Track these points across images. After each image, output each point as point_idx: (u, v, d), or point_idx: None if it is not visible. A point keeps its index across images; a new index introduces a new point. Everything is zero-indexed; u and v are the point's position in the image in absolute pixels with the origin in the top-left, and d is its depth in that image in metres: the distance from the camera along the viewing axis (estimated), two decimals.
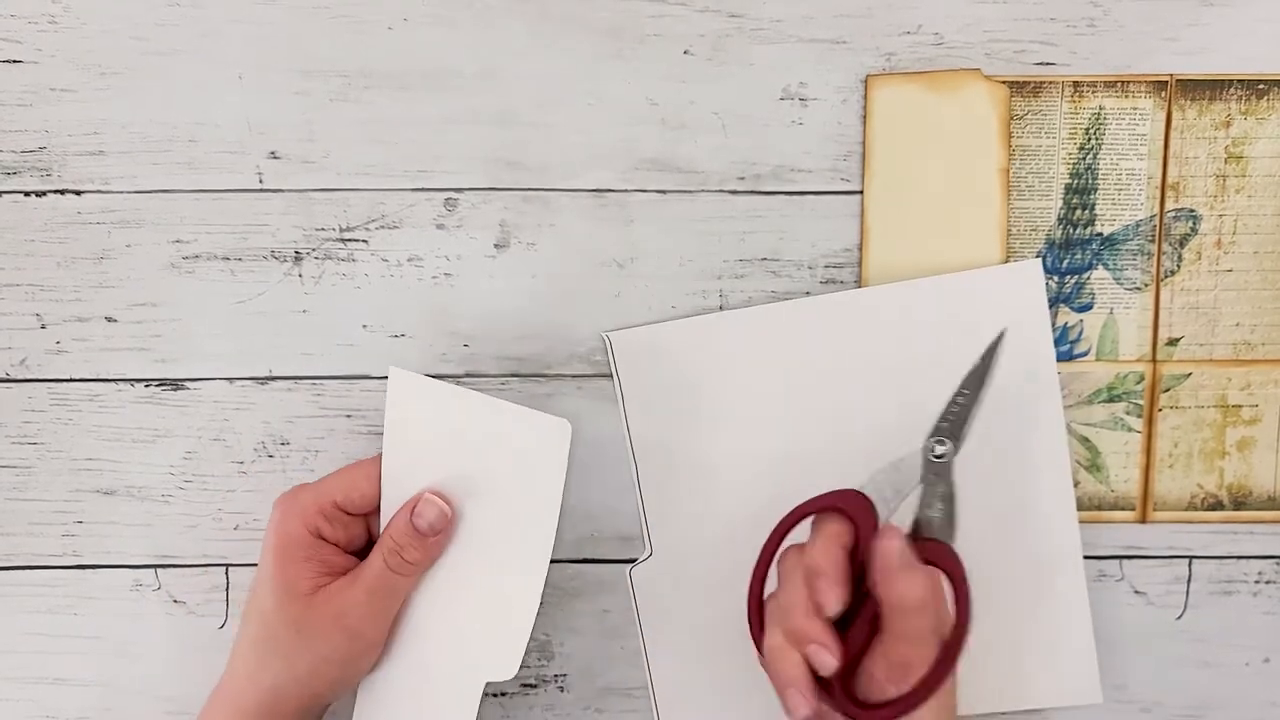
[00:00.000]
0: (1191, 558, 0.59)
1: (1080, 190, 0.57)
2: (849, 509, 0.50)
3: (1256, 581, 0.59)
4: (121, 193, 0.57)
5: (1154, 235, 0.57)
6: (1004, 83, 0.56)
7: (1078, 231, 0.57)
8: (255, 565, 0.53)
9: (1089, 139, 0.56)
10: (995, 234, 0.57)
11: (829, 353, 0.56)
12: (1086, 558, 0.58)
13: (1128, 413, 0.58)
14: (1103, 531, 0.59)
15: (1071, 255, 0.57)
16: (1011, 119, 0.56)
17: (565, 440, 0.52)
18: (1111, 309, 0.58)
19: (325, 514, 0.52)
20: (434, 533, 0.52)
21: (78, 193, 0.57)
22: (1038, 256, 0.57)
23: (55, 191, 0.57)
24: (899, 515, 0.51)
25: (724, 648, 0.58)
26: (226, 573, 0.59)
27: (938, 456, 0.51)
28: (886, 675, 0.48)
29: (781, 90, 0.56)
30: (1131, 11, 0.56)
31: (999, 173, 0.56)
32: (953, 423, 0.51)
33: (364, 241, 0.57)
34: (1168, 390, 0.58)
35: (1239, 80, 0.56)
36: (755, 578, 0.52)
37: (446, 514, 0.52)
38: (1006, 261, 0.57)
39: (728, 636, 0.58)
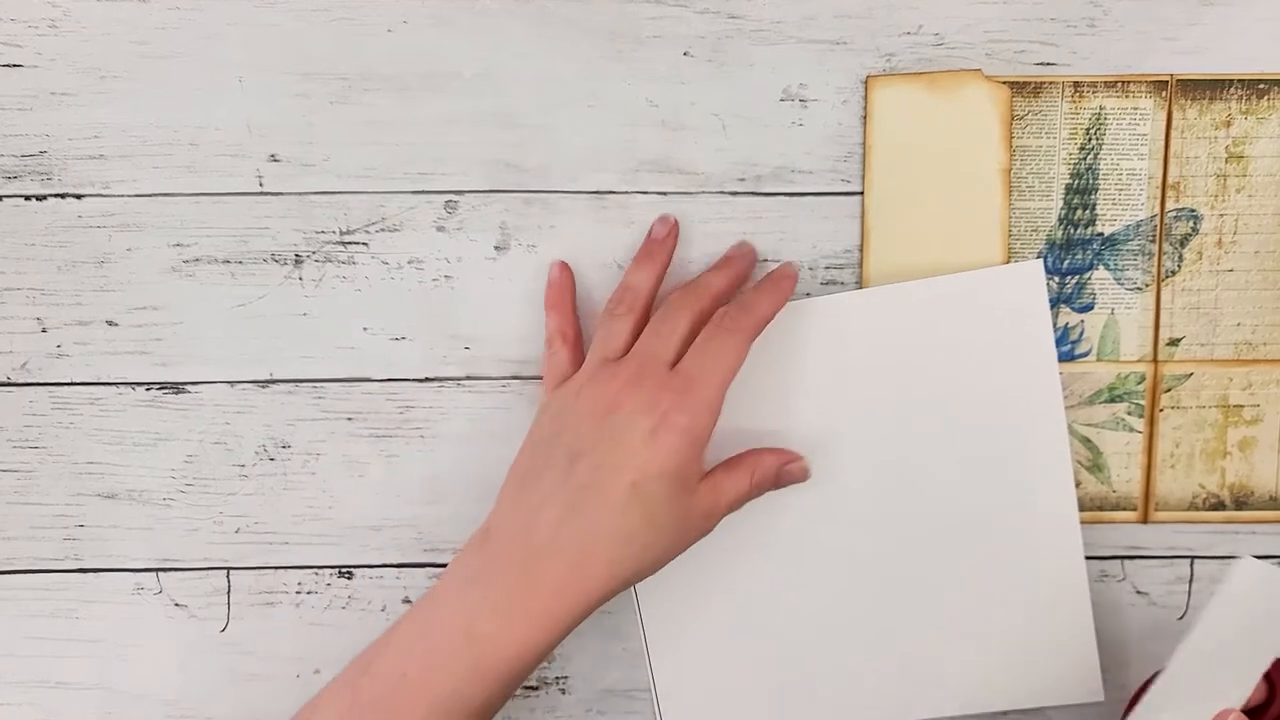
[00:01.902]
0: (1193, 558, 0.59)
1: (1081, 190, 0.57)
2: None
3: None
4: (122, 196, 0.57)
5: (1155, 235, 0.57)
6: (1004, 83, 0.56)
7: (1078, 232, 0.57)
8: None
9: (1089, 139, 0.56)
10: (996, 234, 0.57)
11: (829, 353, 0.56)
12: (1088, 558, 0.58)
13: (1129, 413, 0.58)
14: (1104, 532, 0.59)
15: (1072, 255, 0.57)
16: (1012, 119, 0.56)
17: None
18: (1112, 309, 0.58)
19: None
20: (787, 486, 0.55)
21: (78, 196, 0.57)
22: (1038, 257, 0.57)
23: (56, 195, 0.57)
24: None
25: (726, 649, 0.58)
26: (228, 576, 0.59)
27: None
28: None
29: (782, 91, 0.56)
30: (1131, 11, 0.55)
31: (1000, 173, 0.56)
32: None
33: (364, 244, 0.57)
34: (1169, 390, 0.58)
35: (1239, 80, 0.56)
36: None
37: (808, 477, 0.55)
38: (1007, 262, 0.57)
39: (729, 637, 0.58)
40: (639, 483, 0.48)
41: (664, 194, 0.57)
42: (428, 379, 0.58)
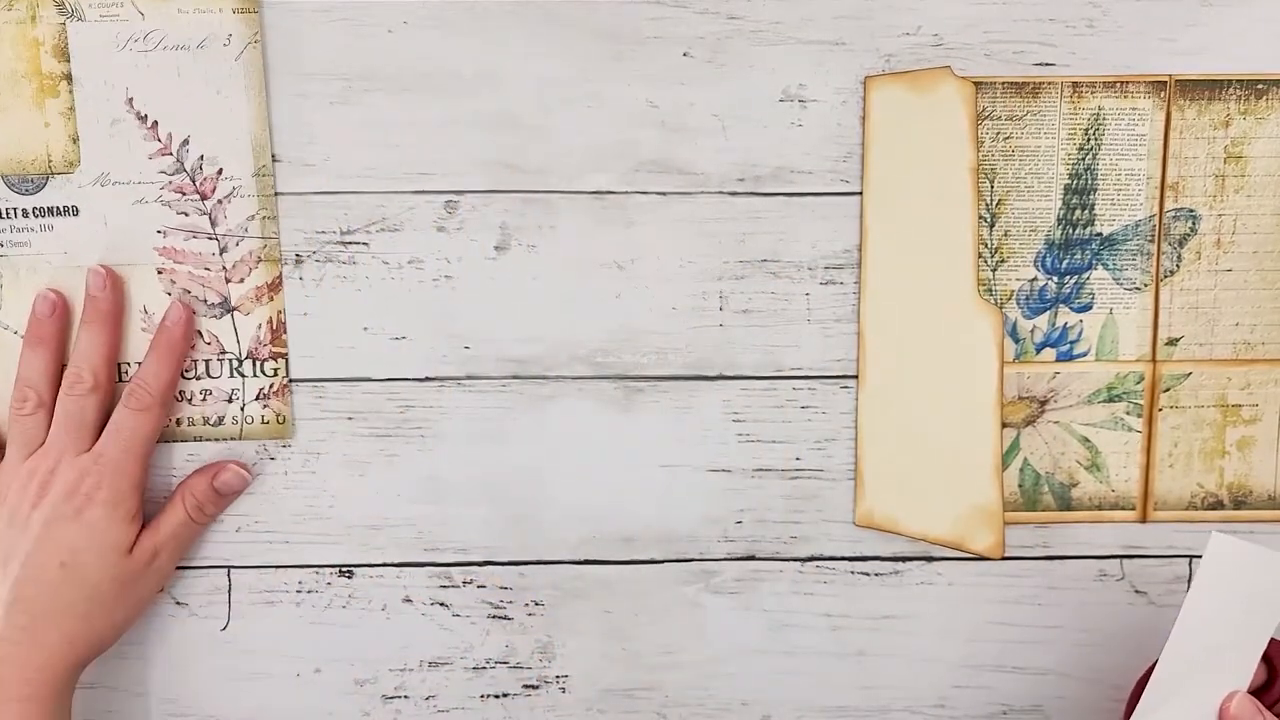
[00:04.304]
0: (1192, 557, 0.59)
1: (1080, 190, 0.57)
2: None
3: None
4: None
5: (1153, 235, 0.57)
6: (974, 81, 0.56)
7: (1077, 232, 0.57)
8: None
9: (1088, 139, 0.56)
10: (968, 238, 0.57)
11: None
12: (1087, 557, 0.58)
13: (1128, 412, 0.58)
14: (1103, 531, 0.59)
15: (1071, 255, 0.57)
16: (1007, 119, 0.56)
17: None
18: (1111, 309, 0.58)
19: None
20: (232, 494, 0.58)
21: None
22: (1037, 257, 0.57)
23: None
24: None
25: None
26: (228, 575, 0.59)
27: None
28: None
29: (781, 92, 0.56)
30: (1130, 12, 0.56)
31: (969, 172, 0.56)
32: None
33: (365, 244, 0.57)
34: (1167, 390, 0.58)
35: (1238, 80, 0.56)
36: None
37: (246, 480, 0.58)
38: (980, 262, 0.57)
39: None
40: (68, 562, 0.53)
41: (664, 194, 0.57)
42: (428, 379, 0.58)
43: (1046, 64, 0.56)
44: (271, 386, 0.57)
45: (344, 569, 0.59)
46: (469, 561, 0.59)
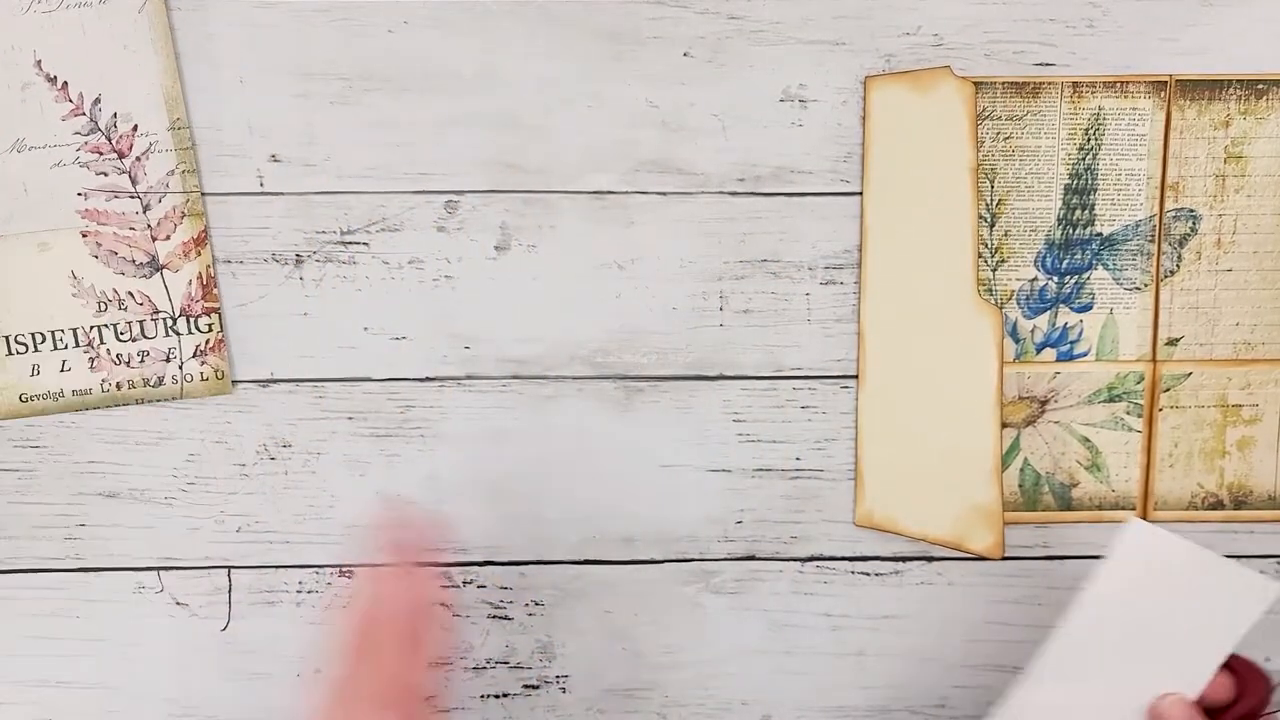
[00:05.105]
0: None
1: (1080, 190, 0.57)
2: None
3: None
4: None
5: (1154, 235, 0.57)
6: (973, 81, 0.56)
7: (1077, 232, 0.57)
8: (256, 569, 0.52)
9: (1088, 139, 0.56)
10: (968, 236, 0.57)
11: None
12: (1087, 557, 0.58)
13: (1128, 412, 0.58)
14: (1103, 531, 0.59)
15: (1071, 255, 0.57)
16: (1008, 119, 0.56)
17: (1263, 604, 0.48)
18: (1111, 309, 0.58)
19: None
20: None
21: None
22: (1037, 257, 0.57)
23: None
24: None
25: None
26: (229, 575, 0.59)
27: None
28: None
29: (781, 92, 0.56)
30: (1131, 12, 0.56)
31: (968, 172, 0.56)
32: None
33: (365, 244, 0.57)
34: (1168, 390, 0.58)
35: (1238, 80, 0.56)
36: None
37: None
38: (980, 262, 0.57)
39: None
40: None
41: (664, 194, 0.57)
42: (428, 379, 0.58)
43: (1046, 64, 0.56)
44: (208, 342, 0.57)
45: (344, 569, 0.59)
46: (469, 561, 0.59)
